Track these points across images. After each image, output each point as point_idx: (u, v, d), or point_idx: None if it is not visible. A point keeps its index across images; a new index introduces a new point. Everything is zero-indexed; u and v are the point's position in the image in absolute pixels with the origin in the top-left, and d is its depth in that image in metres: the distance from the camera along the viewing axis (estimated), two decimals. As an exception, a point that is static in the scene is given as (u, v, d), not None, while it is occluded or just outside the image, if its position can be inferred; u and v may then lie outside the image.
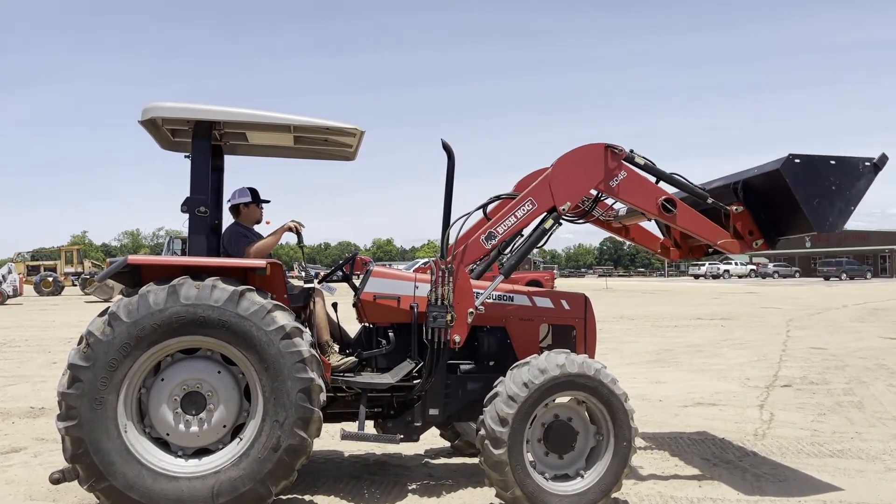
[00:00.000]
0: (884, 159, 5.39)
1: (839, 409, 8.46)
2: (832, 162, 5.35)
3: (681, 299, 33.65)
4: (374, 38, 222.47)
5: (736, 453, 6.58)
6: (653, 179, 5.60)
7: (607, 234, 6.96)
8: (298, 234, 5.52)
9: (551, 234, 5.49)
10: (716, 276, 69.37)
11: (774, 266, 69.50)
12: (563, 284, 40.01)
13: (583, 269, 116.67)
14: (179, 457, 4.66)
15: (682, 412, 8.45)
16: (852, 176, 5.36)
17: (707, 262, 69.44)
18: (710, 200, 5.66)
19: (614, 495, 5.00)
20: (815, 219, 5.28)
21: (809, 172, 5.31)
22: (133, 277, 5.01)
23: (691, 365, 12.22)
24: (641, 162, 5.51)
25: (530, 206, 5.35)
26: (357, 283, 5.75)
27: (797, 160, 5.31)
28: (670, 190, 5.70)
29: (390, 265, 7.32)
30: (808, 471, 5.97)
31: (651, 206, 5.53)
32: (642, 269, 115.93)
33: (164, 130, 5.53)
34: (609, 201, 5.98)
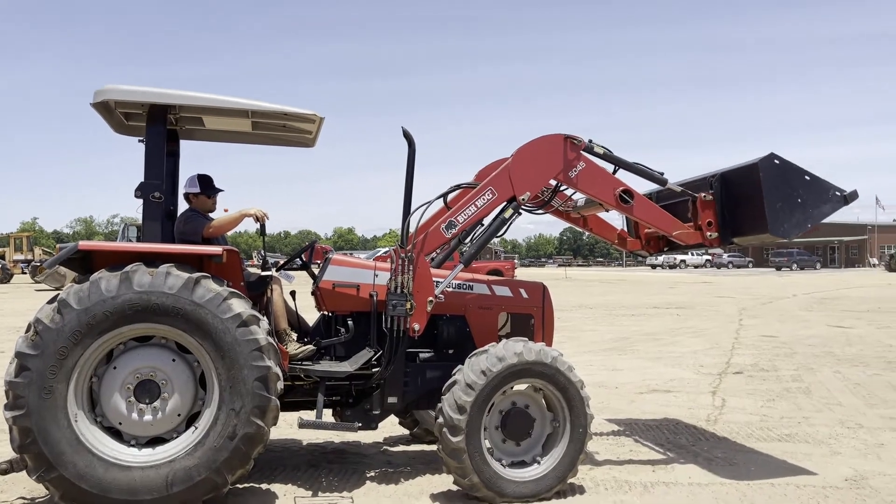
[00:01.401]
0: (854, 195, 5.54)
1: (788, 394, 8.71)
2: (807, 177, 5.47)
3: (638, 288, 34.18)
4: (335, 26, 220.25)
5: (689, 438, 6.73)
6: (612, 168, 5.67)
7: (567, 225, 7.03)
8: (262, 223, 5.45)
9: (511, 223, 5.52)
10: (672, 266, 70.54)
11: (729, 256, 70.92)
12: (523, 274, 40.26)
13: (543, 259, 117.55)
14: (132, 446, 4.58)
15: (638, 399, 8.60)
16: (820, 198, 5.49)
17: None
18: (678, 189, 5.77)
19: (570, 481, 5.08)
20: (772, 220, 5.38)
21: (783, 176, 5.42)
22: (84, 264, 4.89)
23: (647, 353, 12.44)
24: (600, 151, 5.57)
25: (490, 196, 5.36)
26: (316, 271, 5.71)
27: (777, 161, 5.42)
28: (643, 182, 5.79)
29: (351, 254, 7.29)
30: (757, 455, 6.14)
31: (609, 197, 5.59)
32: (601, 259, 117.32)
33: (118, 114, 5.40)
34: (568, 192, 6.04)
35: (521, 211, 5.52)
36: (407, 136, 5.23)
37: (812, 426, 7.13)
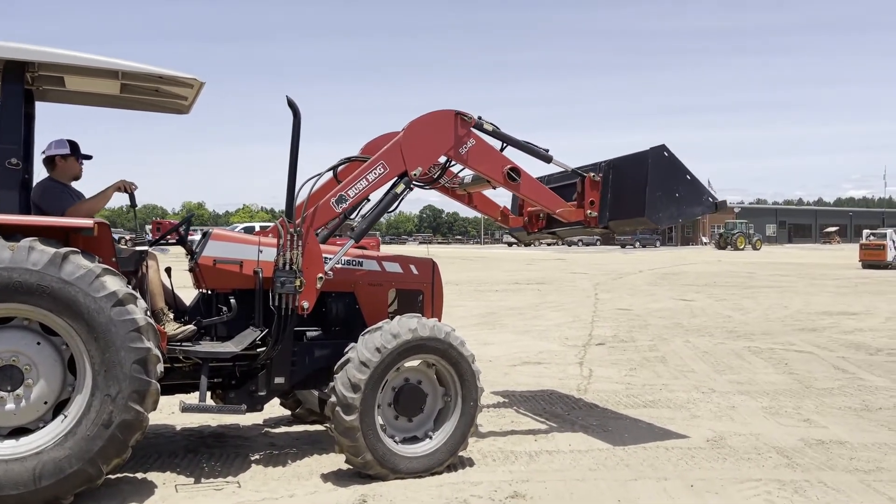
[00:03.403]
0: (724, 204, 5.93)
1: (647, 364, 9.32)
2: (688, 177, 5.77)
3: (497, 265, 35.22)
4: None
5: (563, 407, 7.03)
6: (499, 146, 5.75)
7: (427, 203, 7.08)
8: (131, 194, 5.05)
9: (402, 198, 5.47)
10: (527, 244, 73.24)
11: (578, 235, 74.67)
12: (385, 251, 40.28)
13: (404, 237, 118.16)
14: (-9, 438, 4.14)
15: (512, 371, 8.88)
16: (695, 199, 5.81)
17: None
18: (570, 170, 5.94)
19: (460, 454, 5.16)
20: (650, 206, 5.63)
21: (668, 170, 5.68)
22: (-74, 237, 4.32)
23: (515, 327, 12.86)
24: (489, 128, 5.62)
25: (382, 170, 5.28)
26: (195, 246, 5.38)
27: (666, 153, 5.68)
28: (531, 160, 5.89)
29: (196, 230, 6.89)
30: (626, 421, 6.52)
31: (497, 175, 5.67)
32: (460, 237, 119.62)
33: (-37, 69, 4.78)
34: (455, 169, 6.07)
35: (412, 186, 5.47)
36: (292, 105, 5.01)
37: (671, 392, 7.68)
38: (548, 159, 5.90)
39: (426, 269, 5.86)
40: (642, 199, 5.60)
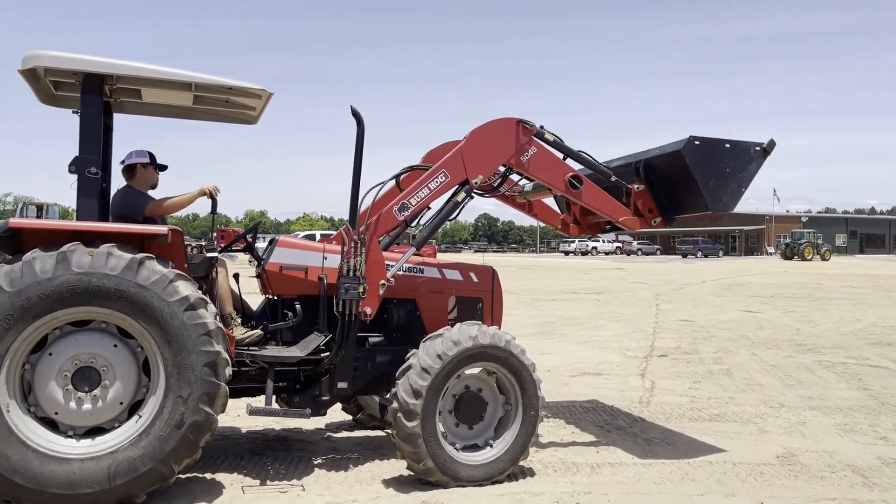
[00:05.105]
0: (772, 144, 5.75)
1: (711, 376, 9.08)
2: (727, 145, 5.65)
3: (554, 274, 34.91)
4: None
5: (625, 420, 6.91)
6: (560, 156, 5.72)
7: (482, 211, 7.08)
8: (214, 199, 5.20)
9: (463, 206, 5.50)
10: (584, 253, 72.39)
11: (638, 244, 73.44)
12: (441, 259, 40.43)
13: (459, 245, 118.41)
14: (69, 437, 4.31)
15: (571, 381, 8.78)
16: (745, 159, 5.69)
17: (577, 240, 72.30)
18: (613, 179, 5.85)
19: (520, 463, 5.12)
20: (710, 198, 5.56)
21: (707, 154, 5.57)
22: (13, 244, 4.54)
23: (573, 337, 12.71)
24: (550, 138, 5.61)
25: (443, 178, 5.32)
26: (262, 253, 5.51)
27: (697, 142, 5.56)
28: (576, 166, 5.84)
29: (263, 238, 7.05)
30: (691, 434, 6.37)
31: (559, 183, 5.64)
32: (515, 245, 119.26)
33: (46, 82, 5.02)
34: (514, 178, 6.07)
35: (473, 195, 5.49)
36: (356, 114, 5.10)
37: (738, 406, 7.46)
38: (607, 175, 5.84)
39: (486, 277, 5.86)
40: (699, 194, 5.52)
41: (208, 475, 5.05)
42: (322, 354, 5.13)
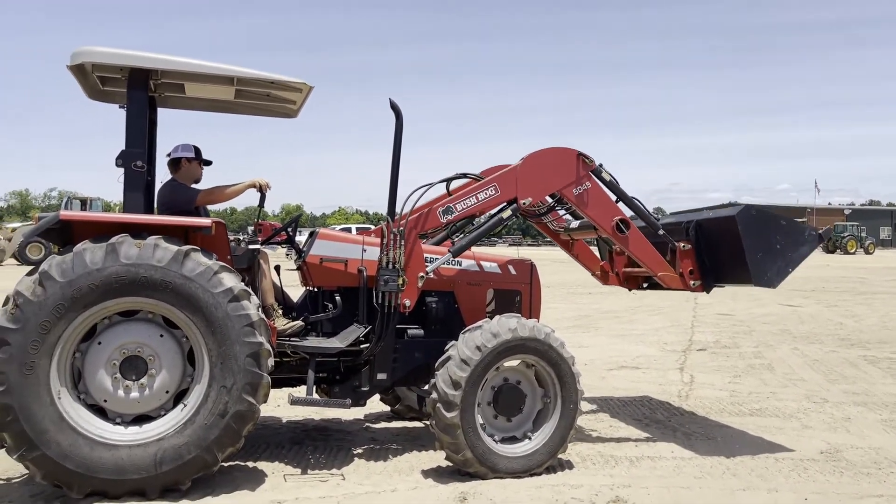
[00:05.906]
0: (828, 232, 5.68)
1: (752, 371, 8.95)
2: (783, 222, 5.56)
3: (591, 268, 34.57)
4: None
5: (664, 413, 6.85)
6: (613, 198, 5.68)
7: None
8: (263, 193, 5.27)
9: (506, 224, 5.52)
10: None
11: (675, 237, 72.47)
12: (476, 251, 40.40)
13: (494, 239, 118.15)
14: (118, 424, 4.42)
15: (609, 375, 8.72)
16: (797, 241, 5.59)
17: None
18: (660, 232, 5.77)
19: (559, 456, 5.12)
20: (755, 271, 5.45)
21: (760, 226, 5.47)
22: (63, 236, 4.67)
23: (610, 330, 12.63)
24: (607, 178, 5.59)
25: (493, 192, 5.36)
26: (303, 245, 5.58)
27: (753, 212, 5.49)
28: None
29: (301, 231, 7.12)
30: (732, 429, 6.29)
31: (606, 223, 5.59)
32: (549, 240, 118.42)
33: (94, 77, 5.14)
34: (560, 212, 6.08)
35: (518, 215, 5.51)
36: (394, 107, 5.12)
37: (780, 401, 7.34)
38: (655, 227, 5.77)
39: (524, 270, 5.85)
40: (744, 265, 5.41)
41: (250, 463, 5.14)
42: (362, 346, 5.18)
